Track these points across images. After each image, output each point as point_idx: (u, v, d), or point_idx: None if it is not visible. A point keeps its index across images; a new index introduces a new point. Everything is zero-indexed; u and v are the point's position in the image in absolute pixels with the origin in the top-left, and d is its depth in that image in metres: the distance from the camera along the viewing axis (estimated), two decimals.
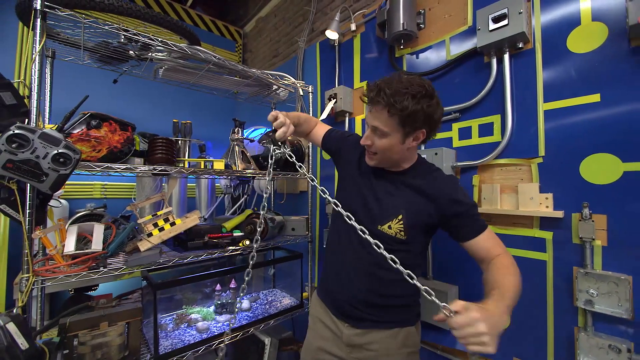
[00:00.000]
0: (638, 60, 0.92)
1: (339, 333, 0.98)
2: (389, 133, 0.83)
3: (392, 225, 0.91)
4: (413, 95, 0.78)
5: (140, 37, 1.22)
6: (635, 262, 0.92)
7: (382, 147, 0.87)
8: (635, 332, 0.91)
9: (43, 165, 0.92)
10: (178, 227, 1.33)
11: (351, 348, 0.96)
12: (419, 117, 0.80)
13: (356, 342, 0.94)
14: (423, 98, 0.79)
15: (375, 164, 0.94)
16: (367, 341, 0.93)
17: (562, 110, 1.05)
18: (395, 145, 0.86)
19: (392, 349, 0.92)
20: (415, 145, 0.89)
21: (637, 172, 0.92)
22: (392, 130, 0.83)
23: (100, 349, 1.11)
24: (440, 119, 0.88)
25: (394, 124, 0.82)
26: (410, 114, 0.79)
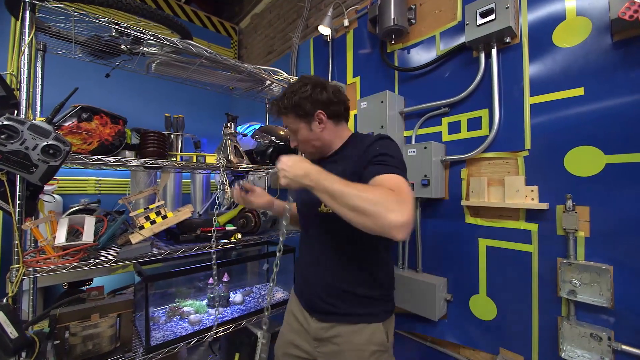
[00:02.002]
0: (620, 54, 0.94)
1: (307, 327, 0.98)
2: (296, 128, 0.95)
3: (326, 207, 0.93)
4: (292, 92, 0.92)
5: (131, 31, 1.23)
6: (616, 252, 0.94)
7: (301, 141, 0.98)
8: (615, 321, 0.94)
9: (32, 156, 0.93)
10: (170, 220, 1.34)
11: (318, 342, 0.96)
12: (305, 104, 0.91)
13: (322, 335, 0.94)
14: (300, 90, 0.92)
15: (310, 157, 1.04)
16: (332, 335, 0.92)
17: (548, 104, 1.07)
18: (308, 134, 0.95)
19: (357, 345, 0.89)
20: (325, 127, 0.94)
21: (618, 164, 0.94)
22: (296, 124, 0.95)
23: (91, 339, 1.12)
24: (331, 97, 0.93)
25: (293, 119, 0.94)
26: (295, 105, 0.92)
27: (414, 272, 1.41)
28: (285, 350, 1.05)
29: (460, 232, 1.28)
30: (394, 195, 0.69)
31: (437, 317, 1.27)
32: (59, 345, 1.06)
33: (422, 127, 1.44)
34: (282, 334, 1.10)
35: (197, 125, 2.67)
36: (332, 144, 0.98)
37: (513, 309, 1.14)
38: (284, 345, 1.06)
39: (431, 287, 1.27)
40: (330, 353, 0.93)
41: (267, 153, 1.72)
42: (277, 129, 1.79)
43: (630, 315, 0.91)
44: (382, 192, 0.69)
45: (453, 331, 1.29)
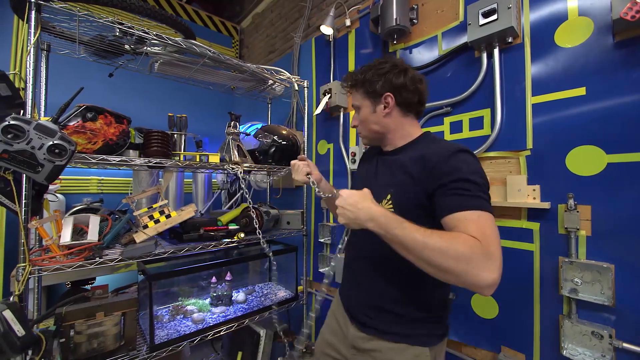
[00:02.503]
0: (622, 54, 0.94)
1: (346, 332, 0.94)
2: (360, 105, 0.93)
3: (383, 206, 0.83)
4: (369, 67, 0.90)
5: (135, 31, 1.24)
6: (618, 251, 0.94)
7: (361, 120, 0.94)
8: (616, 319, 0.94)
9: (38, 156, 0.94)
10: (173, 219, 1.35)
11: (355, 350, 0.91)
12: (377, 82, 0.88)
13: (360, 345, 0.89)
14: (377, 67, 0.89)
15: (365, 141, 1.01)
16: (371, 348, 0.86)
17: (550, 103, 1.08)
18: (369, 115, 0.91)
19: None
20: (390, 113, 0.89)
21: (620, 164, 0.94)
22: (361, 102, 0.93)
23: (96, 338, 1.13)
24: (407, 83, 0.87)
25: (361, 95, 0.92)
26: (366, 81, 0.89)
27: None
28: (324, 349, 1.03)
29: None
30: (482, 248, 0.61)
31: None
32: (65, 343, 1.07)
33: (424, 127, 1.44)
34: (322, 333, 1.08)
35: (199, 125, 2.67)
36: (394, 135, 0.91)
37: (515, 307, 1.15)
38: (322, 344, 1.05)
39: None
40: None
41: (270, 152, 1.73)
42: (279, 129, 1.79)
43: (632, 313, 0.91)
44: (467, 245, 0.60)
45: (455, 329, 1.30)
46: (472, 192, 0.69)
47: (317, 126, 2.10)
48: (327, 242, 1.86)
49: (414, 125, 0.93)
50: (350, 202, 0.71)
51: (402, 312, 0.84)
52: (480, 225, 0.65)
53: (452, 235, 0.64)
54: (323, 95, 1.83)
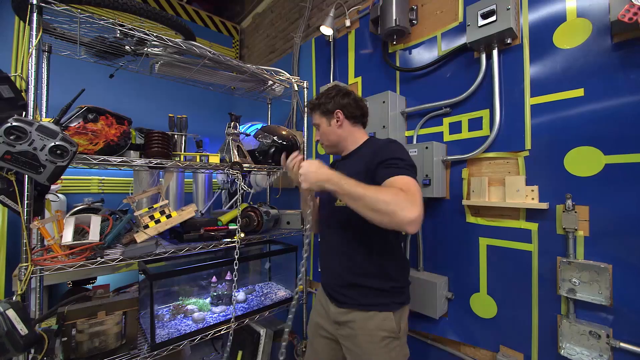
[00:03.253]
0: (620, 55, 0.95)
1: (328, 311, 1.11)
2: (319, 123, 1.15)
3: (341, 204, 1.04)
4: (321, 94, 1.14)
5: (135, 32, 1.24)
6: (615, 251, 0.95)
7: (321, 134, 1.15)
8: (614, 319, 0.95)
9: (40, 157, 0.95)
10: (174, 219, 1.36)
11: (337, 325, 1.07)
12: (328, 103, 1.10)
13: (339, 319, 1.05)
14: (327, 93, 1.12)
15: (327, 150, 1.20)
16: (347, 319, 1.03)
17: (548, 104, 1.08)
18: (327, 129, 1.13)
19: (369, 330, 0.98)
20: (342, 124, 1.10)
21: (617, 164, 0.95)
22: (319, 120, 1.14)
23: (97, 336, 1.14)
24: (350, 102, 1.10)
25: (318, 115, 1.14)
26: (319, 105, 1.13)
27: (415, 271, 1.42)
28: (314, 331, 1.19)
29: (461, 231, 1.30)
30: (405, 194, 0.79)
31: (438, 315, 1.28)
32: (67, 342, 1.08)
33: (424, 127, 1.45)
34: (311, 318, 1.23)
35: (199, 125, 2.68)
36: (347, 142, 1.13)
37: (513, 307, 1.15)
38: (313, 326, 1.20)
39: (432, 286, 1.28)
40: (347, 335, 1.04)
41: (270, 153, 1.74)
42: (279, 129, 1.80)
43: (629, 313, 0.92)
44: (394, 192, 0.80)
45: (454, 329, 1.31)
46: (399, 165, 0.91)
47: None
48: None
49: (362, 132, 1.15)
50: (311, 169, 0.89)
51: (369, 285, 1.01)
52: (405, 183, 0.85)
53: (384, 188, 0.85)
54: None
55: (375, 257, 1.02)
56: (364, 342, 0.98)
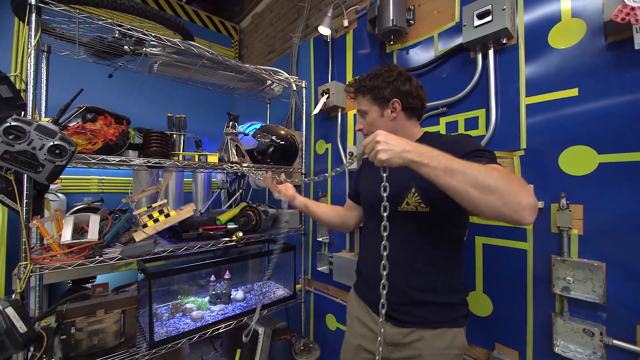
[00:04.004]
0: (613, 55, 0.96)
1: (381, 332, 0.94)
2: (367, 110, 0.99)
3: (410, 201, 0.90)
4: (376, 75, 0.96)
5: (134, 33, 1.25)
6: (609, 249, 0.96)
7: (367, 124, 0.99)
8: (607, 317, 0.96)
9: (39, 156, 0.96)
10: (172, 218, 1.37)
11: (393, 347, 0.93)
12: (385, 89, 0.94)
13: (399, 341, 0.92)
14: (385, 75, 0.94)
15: None
16: (411, 340, 0.90)
17: (543, 104, 1.09)
18: (377, 119, 0.97)
19: (438, 349, 0.88)
20: (397, 117, 0.96)
21: (611, 164, 0.95)
22: (369, 107, 0.98)
23: (96, 335, 1.15)
24: (412, 90, 0.94)
25: (369, 101, 0.98)
26: (375, 87, 0.95)
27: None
28: (356, 355, 1.02)
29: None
30: (518, 178, 0.68)
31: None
32: (66, 340, 1.09)
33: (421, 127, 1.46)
34: (347, 340, 1.07)
35: (198, 125, 2.69)
36: None
37: (508, 305, 1.16)
38: (354, 350, 1.03)
39: None
40: (407, 358, 0.91)
41: (268, 152, 1.75)
42: (277, 129, 1.81)
43: (622, 310, 0.93)
44: (506, 173, 0.66)
45: None
46: (491, 158, 0.78)
47: (315, 126, 2.11)
48: (325, 241, 1.88)
49: (417, 126, 1.01)
50: (392, 138, 0.72)
51: (439, 301, 0.90)
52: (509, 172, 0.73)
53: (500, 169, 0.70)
54: (321, 96, 1.84)
55: (446, 269, 0.90)
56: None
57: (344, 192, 1.81)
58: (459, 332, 0.91)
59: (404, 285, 0.91)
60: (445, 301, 0.90)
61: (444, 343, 0.88)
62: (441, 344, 0.88)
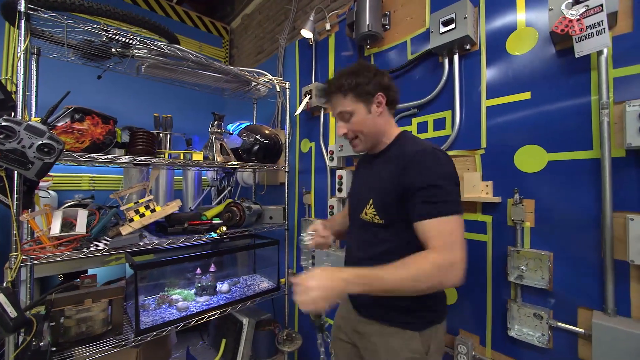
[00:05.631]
0: (561, 62, 1.04)
1: (350, 317, 1.03)
2: (352, 110, 0.91)
3: (367, 211, 0.92)
4: (354, 72, 0.91)
5: (120, 37, 1.32)
6: (556, 240, 1.04)
7: (356, 126, 0.92)
8: (554, 302, 1.05)
9: (29, 154, 1.02)
10: (158, 213, 1.44)
11: (357, 334, 0.99)
12: (368, 84, 0.90)
13: (360, 329, 0.98)
14: (364, 71, 0.90)
15: (361, 147, 0.97)
16: (368, 331, 0.95)
17: (500, 106, 1.17)
18: (365, 118, 0.91)
19: (390, 348, 0.89)
20: (382, 112, 0.93)
21: (558, 161, 1.04)
22: (353, 106, 0.91)
23: (84, 322, 1.23)
24: (391, 83, 0.94)
25: (352, 100, 0.91)
26: (359, 84, 0.89)
27: None
28: (335, 334, 1.11)
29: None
30: (444, 260, 0.72)
31: None
32: (55, 326, 1.16)
33: None
34: (336, 319, 1.16)
35: (190, 124, 2.76)
36: (383, 136, 0.96)
37: (471, 293, 1.25)
38: (336, 328, 1.12)
39: None
40: (365, 347, 0.96)
41: (253, 150, 1.82)
42: (262, 128, 1.88)
43: (565, 295, 1.02)
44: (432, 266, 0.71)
45: None
46: (437, 199, 0.78)
47: (300, 125, 2.19)
48: None
49: (394, 123, 1.00)
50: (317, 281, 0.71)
51: (393, 304, 0.90)
52: (440, 233, 0.76)
53: (417, 261, 0.74)
54: (304, 96, 1.92)
55: None
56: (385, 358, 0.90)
57: (327, 187, 1.89)
58: (413, 335, 0.88)
59: None
60: (404, 305, 0.89)
61: (396, 344, 0.89)
62: (394, 343, 0.89)
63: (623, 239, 0.90)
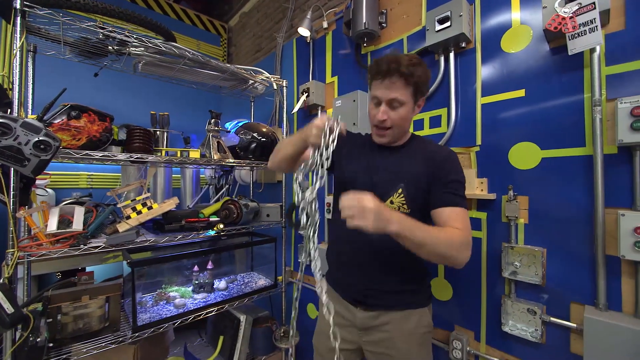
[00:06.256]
0: (554, 60, 1.05)
1: (352, 318, 0.99)
2: (405, 102, 0.89)
3: (394, 200, 0.93)
4: (421, 64, 0.87)
5: (116, 35, 1.32)
6: (549, 236, 1.06)
7: (398, 118, 0.90)
8: (547, 297, 1.06)
9: (25, 151, 1.02)
10: (155, 210, 1.44)
11: (364, 331, 0.98)
12: (425, 84, 0.91)
13: (370, 324, 0.97)
14: (423, 66, 0.88)
15: (389, 139, 0.96)
16: (381, 322, 0.95)
17: (496, 104, 1.18)
18: (408, 114, 0.91)
19: (406, 330, 0.94)
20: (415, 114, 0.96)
21: (552, 158, 1.05)
22: (407, 99, 0.89)
23: (82, 319, 1.23)
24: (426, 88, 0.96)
25: (410, 93, 0.88)
26: (422, 81, 0.88)
27: None
28: (329, 345, 1.00)
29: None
30: (461, 236, 0.81)
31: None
32: (52, 322, 1.16)
33: None
34: (320, 328, 1.10)
35: (189, 122, 2.76)
36: (403, 136, 0.99)
37: (466, 289, 1.26)
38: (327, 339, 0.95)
39: None
40: (378, 341, 0.95)
41: (250, 148, 1.82)
42: (259, 126, 1.89)
43: (558, 290, 1.03)
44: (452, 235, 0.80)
45: None
46: (460, 193, 0.90)
47: (298, 123, 2.19)
48: None
49: None
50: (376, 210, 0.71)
51: (403, 289, 0.97)
52: (462, 218, 0.86)
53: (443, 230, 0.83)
54: (301, 94, 1.92)
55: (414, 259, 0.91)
56: (401, 343, 0.93)
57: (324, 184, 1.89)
58: (423, 312, 0.98)
59: (376, 272, 0.97)
60: (411, 288, 0.98)
61: (412, 324, 0.95)
62: (409, 325, 0.95)
63: (614, 235, 0.91)
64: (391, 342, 0.94)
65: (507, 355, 1.14)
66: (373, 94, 0.91)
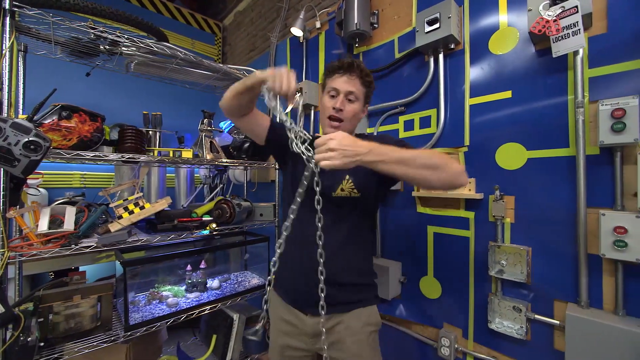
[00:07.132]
0: (540, 62, 1.07)
1: (302, 325, 0.96)
2: (359, 99, 0.98)
3: (344, 187, 0.95)
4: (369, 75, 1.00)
5: (107, 35, 1.32)
6: (534, 235, 1.08)
7: (351, 112, 0.96)
8: (532, 295, 1.08)
9: (15, 151, 1.02)
10: (147, 210, 1.45)
11: (316, 338, 0.94)
12: (371, 95, 1.03)
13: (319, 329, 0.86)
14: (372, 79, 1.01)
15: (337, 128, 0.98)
16: (330, 325, 0.93)
17: (483, 105, 1.20)
18: (359, 113, 0.99)
19: (356, 329, 0.92)
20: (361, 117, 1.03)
21: (537, 159, 1.07)
22: (361, 97, 0.98)
23: (73, 318, 1.24)
24: None
25: (363, 93, 0.99)
26: (371, 90, 1.01)
27: (374, 258, 1.54)
28: (282, 354, 1.00)
29: (413, 220, 1.41)
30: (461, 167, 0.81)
31: (391, 297, 1.40)
32: (43, 322, 1.17)
33: (383, 125, 1.56)
34: (274, 340, 1.02)
35: (182, 121, 2.75)
36: (353, 132, 1.04)
37: (454, 288, 1.28)
38: (280, 349, 1.00)
39: (385, 270, 1.40)
40: (329, 344, 0.90)
41: (243, 148, 1.83)
42: None
43: (543, 288, 1.05)
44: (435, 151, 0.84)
45: (406, 309, 1.43)
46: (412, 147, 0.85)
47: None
48: None
49: None
50: (347, 143, 0.72)
51: (360, 282, 0.98)
52: None
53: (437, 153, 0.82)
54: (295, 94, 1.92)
55: (367, 251, 0.99)
56: (351, 343, 0.91)
57: None
58: (372, 309, 0.98)
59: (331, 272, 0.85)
60: (365, 282, 0.99)
61: (361, 322, 0.93)
62: (358, 323, 0.93)
63: (596, 234, 0.93)
64: (341, 344, 0.92)
65: (494, 352, 1.16)
66: (331, 86, 0.98)
